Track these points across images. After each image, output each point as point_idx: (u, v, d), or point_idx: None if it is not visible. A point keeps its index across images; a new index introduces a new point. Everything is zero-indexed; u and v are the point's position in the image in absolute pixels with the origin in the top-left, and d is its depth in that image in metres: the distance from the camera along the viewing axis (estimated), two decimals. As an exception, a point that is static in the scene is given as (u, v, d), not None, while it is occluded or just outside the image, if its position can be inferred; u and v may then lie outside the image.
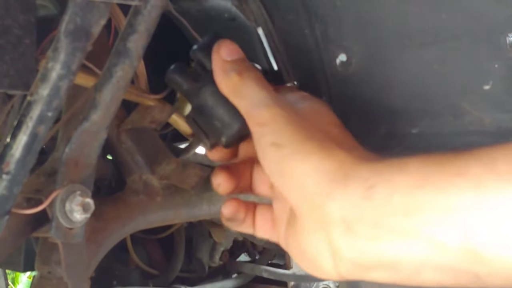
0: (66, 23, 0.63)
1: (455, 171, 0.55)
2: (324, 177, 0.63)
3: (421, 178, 0.57)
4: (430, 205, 0.56)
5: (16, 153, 0.67)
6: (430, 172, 0.57)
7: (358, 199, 0.60)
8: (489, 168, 0.54)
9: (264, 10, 0.81)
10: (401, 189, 0.58)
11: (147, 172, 0.94)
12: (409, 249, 0.57)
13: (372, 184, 0.59)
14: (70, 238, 0.76)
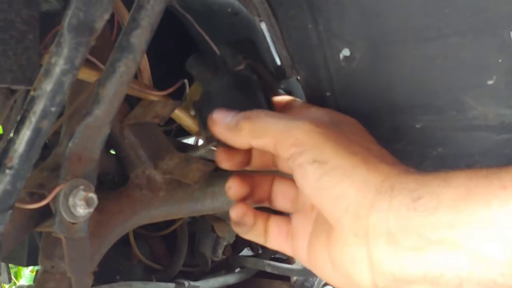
0: (70, 18, 0.63)
1: (500, 184, 0.54)
2: (370, 189, 0.62)
3: (466, 191, 0.56)
4: (475, 218, 0.55)
5: (19, 148, 0.67)
6: (475, 185, 0.56)
7: (404, 210, 0.59)
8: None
9: (267, 4, 0.81)
10: (446, 201, 0.57)
11: (150, 167, 0.94)
12: (453, 262, 0.56)
13: (418, 196, 0.59)
14: (73, 232, 0.76)
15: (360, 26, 0.73)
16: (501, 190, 0.54)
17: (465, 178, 0.57)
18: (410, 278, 0.60)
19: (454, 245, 0.56)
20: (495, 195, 0.54)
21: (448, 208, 0.57)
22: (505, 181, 0.54)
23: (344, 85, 0.78)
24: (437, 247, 0.57)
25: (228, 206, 1.04)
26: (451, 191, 0.57)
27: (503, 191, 0.54)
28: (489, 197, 0.54)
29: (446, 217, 0.56)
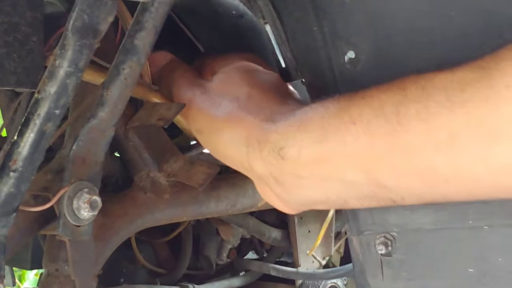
0: (74, 20, 0.63)
1: (350, 120, 0.64)
2: (240, 147, 0.75)
3: (322, 133, 0.66)
4: (335, 154, 0.66)
5: (23, 150, 0.67)
6: (328, 124, 0.66)
7: (274, 159, 0.71)
8: (378, 114, 0.63)
9: (272, 7, 0.80)
10: (306, 145, 0.68)
11: (155, 169, 0.94)
12: (331, 190, 0.70)
13: (281, 146, 0.70)
14: (78, 235, 0.76)
15: (365, 28, 0.73)
16: (352, 125, 0.64)
17: (319, 117, 0.68)
18: (308, 204, 0.76)
19: (326, 178, 0.69)
20: (348, 131, 0.64)
21: (310, 151, 0.68)
22: (354, 115, 0.64)
23: (349, 87, 0.78)
24: (314, 181, 0.70)
25: (233, 209, 1.04)
26: (308, 135, 0.68)
27: (354, 126, 0.64)
28: (343, 133, 0.65)
29: (310, 157, 0.68)
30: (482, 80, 0.58)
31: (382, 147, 0.63)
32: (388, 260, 0.79)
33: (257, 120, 0.75)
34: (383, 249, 0.78)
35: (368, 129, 0.63)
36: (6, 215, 0.69)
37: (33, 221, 0.83)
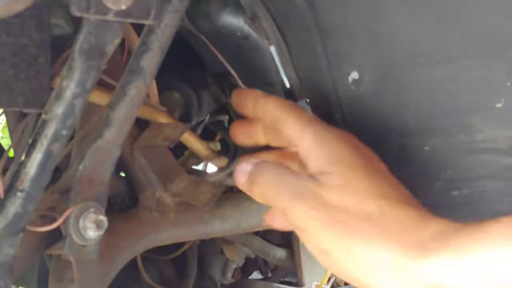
0: (81, 42, 0.63)
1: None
2: (379, 274, 0.64)
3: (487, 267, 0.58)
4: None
5: (30, 171, 0.67)
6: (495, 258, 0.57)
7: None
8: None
9: (277, 28, 0.81)
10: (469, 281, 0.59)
11: (160, 189, 0.94)
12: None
13: (438, 280, 0.60)
14: (84, 255, 0.76)
15: (369, 49, 0.74)
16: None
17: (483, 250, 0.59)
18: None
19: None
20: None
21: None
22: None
23: (353, 107, 0.78)
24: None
25: (237, 229, 1.04)
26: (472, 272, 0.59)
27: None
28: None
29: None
30: None
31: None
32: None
33: (402, 245, 0.64)
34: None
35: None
36: (13, 235, 0.69)
37: (40, 241, 0.83)
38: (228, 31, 1.01)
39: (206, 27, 1.01)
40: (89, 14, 0.60)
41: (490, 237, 0.58)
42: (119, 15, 0.61)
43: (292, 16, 0.78)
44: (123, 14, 0.61)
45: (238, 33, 1.01)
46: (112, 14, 0.61)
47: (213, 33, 1.01)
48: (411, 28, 0.70)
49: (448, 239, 0.62)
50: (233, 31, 1.00)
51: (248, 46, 1.03)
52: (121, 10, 0.60)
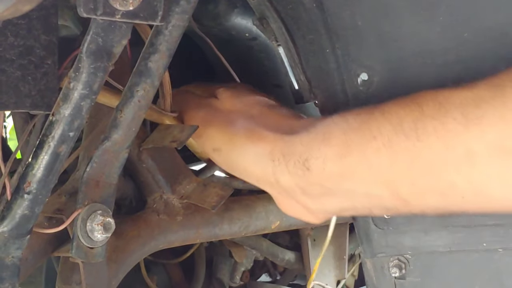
0: (88, 43, 0.63)
1: (371, 135, 0.67)
2: (265, 161, 0.77)
3: (345, 147, 0.69)
4: (358, 168, 0.69)
5: (37, 173, 0.67)
6: (350, 140, 0.69)
7: (300, 171, 0.73)
8: (397, 130, 0.65)
9: (285, 29, 0.81)
10: (330, 158, 0.71)
11: (168, 191, 0.94)
12: (356, 200, 0.72)
13: (306, 158, 0.72)
14: (91, 257, 0.75)
15: (378, 50, 0.73)
16: (374, 141, 0.67)
17: (341, 131, 0.70)
18: (334, 212, 0.81)
19: (351, 191, 0.71)
20: (369, 146, 0.67)
21: (334, 164, 0.70)
22: (374, 130, 0.67)
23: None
24: (339, 193, 0.73)
25: (246, 231, 1.04)
26: (332, 149, 0.70)
27: (375, 141, 0.67)
28: (365, 149, 0.68)
29: (335, 170, 0.71)
30: (497, 98, 0.59)
31: (403, 163, 0.65)
32: (402, 283, 0.78)
33: (278, 134, 0.77)
34: (397, 272, 0.78)
35: (389, 144, 0.66)
36: (20, 237, 0.69)
37: (47, 243, 0.83)
38: (237, 32, 1.00)
39: (215, 28, 1.00)
40: (97, 15, 0.60)
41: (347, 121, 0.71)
42: (127, 16, 0.61)
43: (301, 17, 0.78)
44: (131, 15, 0.61)
45: (247, 34, 1.00)
46: (119, 15, 0.60)
47: (222, 34, 1.01)
48: (420, 28, 0.70)
49: (315, 125, 0.75)
50: (242, 32, 1.00)
51: (256, 48, 1.03)
52: (129, 11, 0.60)
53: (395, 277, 0.78)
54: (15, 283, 0.70)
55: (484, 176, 0.61)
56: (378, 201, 0.71)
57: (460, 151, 0.61)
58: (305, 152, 0.73)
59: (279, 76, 1.04)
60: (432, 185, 0.65)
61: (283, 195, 0.79)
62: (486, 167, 0.61)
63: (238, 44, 1.02)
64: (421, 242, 0.77)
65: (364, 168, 0.69)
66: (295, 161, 0.74)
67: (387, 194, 0.69)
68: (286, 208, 0.81)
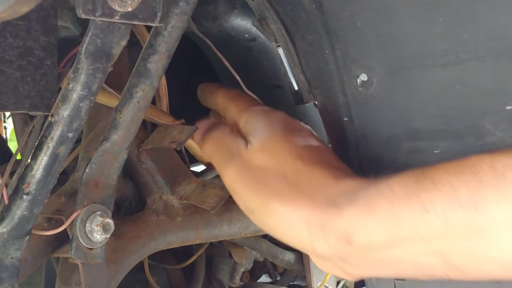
0: (87, 44, 0.63)
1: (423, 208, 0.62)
2: (301, 230, 0.71)
3: (393, 221, 0.64)
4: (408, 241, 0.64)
5: (37, 173, 0.67)
6: (399, 213, 0.64)
7: (342, 245, 0.68)
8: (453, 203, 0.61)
9: (285, 30, 0.81)
10: (377, 233, 0.65)
11: (167, 192, 0.94)
12: (404, 270, 0.68)
13: (349, 233, 0.67)
14: (90, 258, 0.75)
15: (378, 51, 0.73)
16: (425, 214, 0.62)
17: (388, 203, 0.65)
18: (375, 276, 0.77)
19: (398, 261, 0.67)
20: (421, 220, 0.62)
21: (380, 240, 0.66)
22: (427, 204, 0.62)
23: (361, 110, 0.78)
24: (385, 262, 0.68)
25: (246, 232, 1.04)
26: (379, 224, 0.65)
27: (427, 214, 0.62)
28: (416, 222, 0.63)
29: (381, 244, 0.66)
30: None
31: (459, 233, 0.62)
32: (402, 284, 0.78)
33: (315, 202, 0.72)
34: (396, 273, 0.78)
35: (443, 217, 0.62)
36: (19, 238, 0.69)
37: (46, 244, 0.83)
38: (236, 33, 1.00)
39: (214, 29, 1.00)
40: (95, 16, 0.60)
41: (393, 191, 0.65)
42: (125, 17, 0.61)
43: (300, 18, 0.78)
44: (129, 16, 0.61)
45: (246, 35, 1.00)
46: (118, 16, 0.60)
47: (221, 35, 1.01)
48: (420, 29, 0.70)
49: (357, 194, 0.68)
50: (241, 33, 1.00)
51: (256, 48, 1.03)
52: (127, 12, 0.60)
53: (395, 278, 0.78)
54: (14, 284, 0.70)
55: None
56: (429, 270, 0.67)
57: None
58: (348, 228, 0.68)
59: (279, 77, 1.04)
60: (493, 256, 0.62)
61: (320, 260, 0.75)
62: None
63: (238, 45, 1.02)
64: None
65: (415, 240, 0.65)
66: (337, 237, 0.68)
67: (439, 264, 0.65)
68: (324, 268, 0.77)
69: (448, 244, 0.63)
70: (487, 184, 0.60)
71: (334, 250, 0.69)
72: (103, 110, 0.91)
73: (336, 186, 0.72)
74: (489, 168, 0.60)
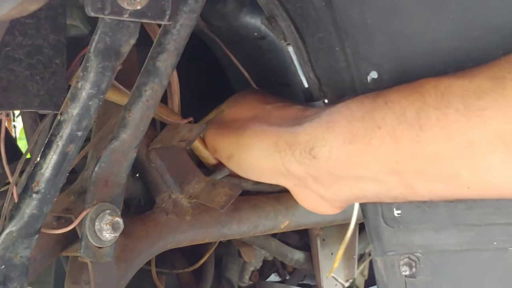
0: (96, 43, 0.63)
1: (375, 124, 0.69)
2: (272, 154, 0.80)
3: (350, 135, 0.71)
4: (366, 156, 0.70)
5: (46, 172, 0.67)
6: (355, 128, 0.71)
7: (307, 159, 0.75)
8: (401, 119, 0.66)
9: (294, 28, 0.81)
10: (336, 146, 0.72)
11: (177, 191, 0.94)
12: (366, 188, 0.74)
13: (311, 146, 0.75)
14: (100, 257, 0.75)
15: (388, 48, 0.73)
16: (378, 130, 0.69)
17: (346, 120, 0.72)
18: (348, 200, 0.81)
19: (359, 177, 0.73)
20: (374, 135, 0.69)
21: (340, 151, 0.72)
22: (378, 120, 0.69)
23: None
24: (349, 179, 0.75)
25: (255, 231, 1.03)
26: (337, 137, 0.72)
27: (379, 130, 0.68)
28: (370, 137, 0.69)
29: (341, 158, 0.72)
30: (497, 90, 0.61)
31: (408, 152, 0.67)
32: (413, 282, 0.78)
33: (282, 127, 0.80)
34: (407, 270, 0.78)
35: (392, 134, 0.67)
36: (28, 236, 0.69)
37: (56, 242, 0.83)
38: (245, 31, 1.00)
39: (223, 27, 1.00)
40: (104, 14, 0.60)
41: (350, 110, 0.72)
42: (134, 16, 0.60)
43: (310, 16, 0.77)
44: (138, 14, 0.60)
45: (255, 34, 1.00)
46: (127, 15, 0.60)
47: (230, 33, 1.01)
48: (430, 26, 0.69)
49: (319, 113, 0.77)
50: (250, 31, 1.00)
51: (265, 47, 1.02)
52: (136, 10, 0.60)
53: (405, 275, 0.78)
54: (23, 283, 0.70)
55: (487, 165, 0.63)
56: (386, 188, 0.72)
57: (463, 141, 0.63)
58: (310, 141, 0.75)
59: (288, 75, 1.04)
60: (437, 174, 0.67)
61: (298, 185, 0.82)
62: (488, 157, 0.62)
63: (247, 44, 1.02)
64: (432, 240, 0.76)
65: (371, 156, 0.70)
66: (301, 150, 0.76)
67: (394, 181, 0.71)
68: (304, 200, 0.83)
69: (400, 162, 0.68)
70: (430, 105, 0.65)
71: (303, 166, 0.77)
72: (112, 109, 0.91)
73: (302, 113, 0.82)
74: (433, 89, 0.65)
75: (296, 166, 0.78)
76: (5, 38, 0.66)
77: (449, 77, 0.65)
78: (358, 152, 0.71)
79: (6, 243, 0.68)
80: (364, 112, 0.71)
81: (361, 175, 0.73)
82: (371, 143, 0.69)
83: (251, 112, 0.88)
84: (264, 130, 0.83)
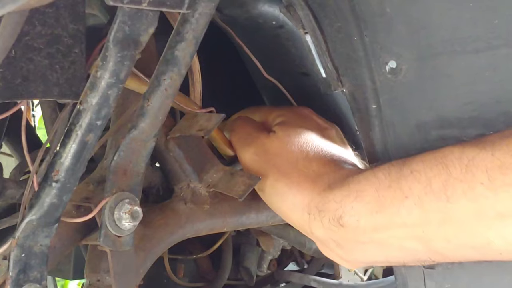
0: (115, 32, 0.63)
1: (402, 194, 0.70)
2: (302, 213, 0.81)
3: (378, 204, 0.72)
4: (392, 224, 0.72)
5: (65, 161, 0.67)
6: (383, 197, 0.72)
7: (335, 227, 0.77)
8: (427, 190, 0.68)
9: (312, 17, 0.80)
10: (364, 215, 0.74)
11: (195, 180, 0.94)
12: (390, 254, 0.76)
13: (340, 215, 0.76)
14: (119, 246, 0.76)
15: (407, 37, 0.72)
16: (405, 200, 0.70)
17: (373, 189, 0.73)
18: (368, 262, 0.82)
19: (386, 243, 0.74)
20: (401, 205, 0.70)
21: (368, 220, 0.74)
22: (405, 190, 0.70)
23: (390, 97, 0.77)
24: (374, 245, 0.76)
25: (273, 220, 1.04)
26: (365, 206, 0.74)
27: (406, 200, 0.70)
28: (397, 207, 0.71)
29: (368, 225, 0.74)
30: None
31: (435, 221, 0.68)
32: (431, 273, 0.78)
33: (316, 187, 0.81)
34: (426, 261, 0.77)
35: (420, 204, 0.69)
36: (48, 225, 0.70)
37: (75, 231, 0.83)
38: (264, 20, 1.00)
39: (241, 16, 1.00)
40: (123, 3, 0.60)
41: (378, 178, 0.74)
42: (153, 4, 0.60)
43: (328, 5, 0.77)
44: (157, 3, 0.61)
45: (274, 22, 1.00)
46: (146, 3, 0.60)
47: (248, 22, 1.00)
48: (450, 15, 0.69)
49: (348, 180, 0.78)
50: (269, 20, 1.00)
51: (283, 35, 1.02)
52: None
53: (424, 266, 0.78)
54: (43, 271, 0.71)
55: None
56: (413, 255, 0.74)
57: (492, 214, 0.64)
58: (339, 210, 0.76)
59: (306, 64, 1.04)
60: (467, 242, 0.68)
61: (319, 243, 0.84)
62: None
63: (265, 33, 1.02)
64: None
65: (398, 223, 0.71)
66: (330, 218, 0.77)
67: (422, 248, 0.72)
68: (323, 252, 0.85)
69: (426, 230, 0.69)
70: (455, 177, 0.66)
71: (328, 233, 0.78)
72: (130, 97, 0.91)
73: (335, 174, 0.82)
74: (457, 161, 0.67)
75: (321, 231, 0.79)
76: (24, 27, 0.66)
77: (471, 148, 0.67)
78: (386, 221, 0.73)
79: (26, 232, 0.69)
80: (391, 181, 0.72)
81: (386, 241, 0.74)
82: (399, 213, 0.71)
83: (295, 153, 0.88)
84: (300, 185, 0.83)
